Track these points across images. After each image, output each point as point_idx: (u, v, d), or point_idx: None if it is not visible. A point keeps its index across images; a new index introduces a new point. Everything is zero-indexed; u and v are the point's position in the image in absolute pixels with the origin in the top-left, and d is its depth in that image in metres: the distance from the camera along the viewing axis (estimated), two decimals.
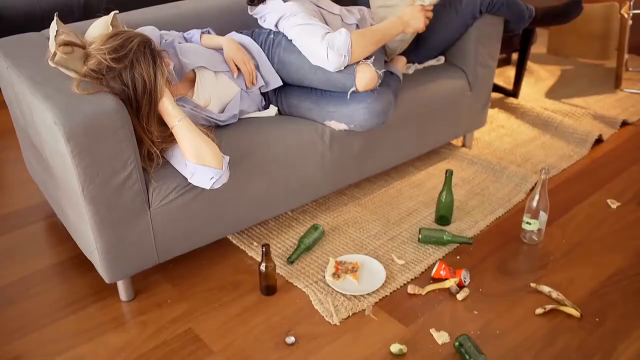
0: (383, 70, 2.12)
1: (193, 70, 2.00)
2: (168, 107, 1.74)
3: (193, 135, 1.75)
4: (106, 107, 1.62)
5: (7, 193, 2.55)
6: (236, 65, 2.09)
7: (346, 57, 2.00)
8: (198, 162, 1.74)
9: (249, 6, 2.24)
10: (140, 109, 1.71)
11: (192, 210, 1.91)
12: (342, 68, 2.03)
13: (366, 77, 2.02)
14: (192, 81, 2.01)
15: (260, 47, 2.17)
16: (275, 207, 2.16)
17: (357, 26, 2.33)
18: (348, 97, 2.09)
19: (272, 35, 2.16)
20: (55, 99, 1.63)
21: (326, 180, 2.26)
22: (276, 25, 2.15)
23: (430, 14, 2.23)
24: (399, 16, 2.17)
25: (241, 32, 2.25)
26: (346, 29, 2.04)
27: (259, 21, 2.24)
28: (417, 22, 2.19)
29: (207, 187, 1.78)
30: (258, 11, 2.22)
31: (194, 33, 2.16)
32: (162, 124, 1.79)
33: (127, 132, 1.67)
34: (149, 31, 2.02)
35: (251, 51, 2.16)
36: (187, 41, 2.15)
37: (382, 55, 2.25)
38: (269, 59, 2.16)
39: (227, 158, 1.81)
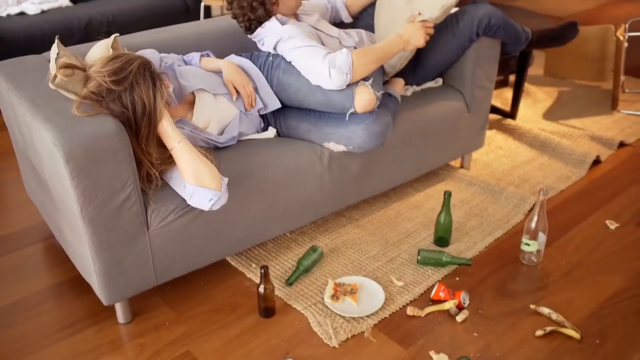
0: (381, 92, 2.13)
1: (192, 92, 2.01)
2: (167, 129, 1.75)
3: (192, 157, 1.75)
4: (106, 129, 1.63)
5: (5, 214, 2.54)
6: (235, 88, 2.10)
7: (348, 75, 2.01)
8: (197, 184, 1.75)
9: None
10: (140, 131, 1.72)
11: (191, 231, 1.91)
12: (344, 87, 2.04)
13: (365, 98, 2.04)
14: (192, 103, 2.02)
15: (259, 69, 2.19)
16: (273, 229, 2.16)
17: (355, 49, 2.35)
18: (347, 118, 2.11)
19: (270, 58, 2.18)
20: (55, 121, 1.64)
21: (325, 202, 2.26)
22: (274, 48, 2.17)
23: (431, 30, 2.22)
24: (399, 34, 2.18)
25: (240, 55, 2.27)
26: (347, 49, 2.06)
27: (258, 44, 2.26)
28: (418, 40, 2.19)
29: (206, 209, 1.78)
30: (256, 35, 2.24)
31: (194, 56, 2.18)
32: (162, 145, 1.79)
33: (126, 153, 1.68)
34: (149, 54, 2.03)
35: (250, 74, 2.18)
36: (186, 64, 2.17)
37: (381, 76, 2.26)
38: (267, 81, 2.17)
39: (226, 180, 1.81)
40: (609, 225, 2.43)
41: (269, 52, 2.20)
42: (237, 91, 2.11)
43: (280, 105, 2.19)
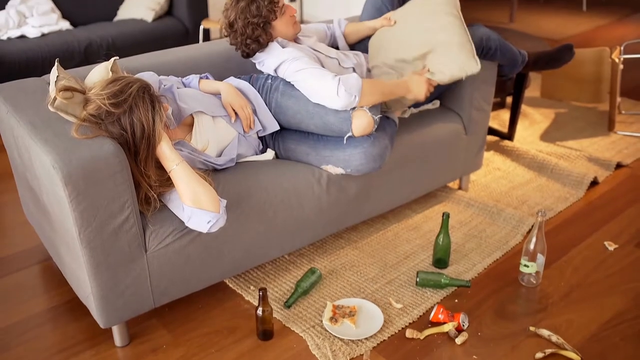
0: (379, 115, 2.14)
1: (191, 115, 2.02)
2: (166, 151, 1.76)
3: (190, 179, 1.75)
4: (104, 151, 1.64)
5: (3, 236, 2.54)
6: (234, 110, 2.11)
7: (356, 98, 2.03)
8: (195, 206, 1.75)
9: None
10: (139, 153, 1.72)
11: (189, 254, 1.91)
12: (348, 109, 2.05)
13: (362, 122, 2.05)
14: (190, 125, 2.03)
15: (258, 92, 2.20)
16: (272, 251, 2.15)
17: (354, 69, 2.37)
18: (344, 141, 2.11)
19: (269, 80, 2.20)
20: (54, 144, 1.64)
21: (323, 224, 2.26)
22: (275, 70, 2.19)
23: (432, 89, 2.27)
24: (405, 80, 2.22)
25: (239, 77, 2.28)
26: (356, 74, 2.08)
27: (257, 66, 2.28)
28: (419, 93, 2.23)
29: (204, 231, 1.78)
30: (256, 57, 2.26)
31: (193, 78, 2.20)
32: (160, 167, 1.80)
33: (125, 175, 1.68)
34: (148, 76, 2.05)
35: (249, 96, 2.19)
36: (185, 86, 2.18)
37: None
38: (266, 104, 2.19)
39: (224, 202, 1.81)
40: (608, 247, 2.43)
41: (268, 75, 2.22)
42: (235, 113, 2.12)
43: (278, 128, 2.20)
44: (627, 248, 2.42)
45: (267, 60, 2.21)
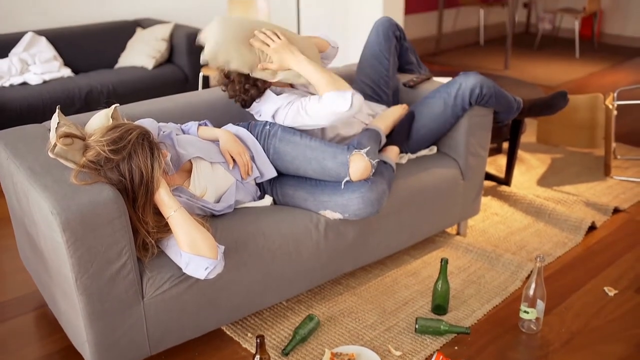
0: (377, 160, 2.16)
1: (190, 161, 2.03)
2: (164, 198, 1.76)
3: (188, 226, 1.76)
4: (103, 197, 1.64)
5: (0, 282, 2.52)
6: (232, 157, 2.13)
7: (347, 90, 2.10)
8: (193, 252, 1.74)
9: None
10: (137, 200, 1.73)
11: (186, 300, 1.89)
12: (361, 103, 2.11)
13: (360, 167, 2.06)
14: (189, 171, 2.04)
15: (256, 138, 2.22)
16: (270, 297, 2.14)
17: None
18: (342, 186, 2.13)
19: (267, 127, 2.22)
20: (53, 190, 1.65)
21: (321, 270, 2.25)
22: (273, 116, 2.22)
23: (264, 37, 2.15)
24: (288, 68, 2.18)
25: (237, 124, 2.31)
26: (317, 95, 2.15)
27: (255, 116, 2.31)
28: (281, 57, 2.15)
29: (202, 277, 1.77)
30: (253, 107, 2.30)
31: (191, 125, 2.22)
32: (158, 213, 1.80)
33: (123, 222, 1.68)
34: (148, 123, 2.07)
35: (247, 143, 2.21)
36: (184, 133, 2.21)
37: (377, 145, 2.30)
38: (264, 150, 2.21)
39: (222, 248, 1.81)
40: (608, 292, 2.42)
41: (266, 121, 2.25)
42: (233, 160, 2.14)
43: (276, 174, 2.22)
44: (627, 293, 2.41)
45: (264, 108, 2.24)
